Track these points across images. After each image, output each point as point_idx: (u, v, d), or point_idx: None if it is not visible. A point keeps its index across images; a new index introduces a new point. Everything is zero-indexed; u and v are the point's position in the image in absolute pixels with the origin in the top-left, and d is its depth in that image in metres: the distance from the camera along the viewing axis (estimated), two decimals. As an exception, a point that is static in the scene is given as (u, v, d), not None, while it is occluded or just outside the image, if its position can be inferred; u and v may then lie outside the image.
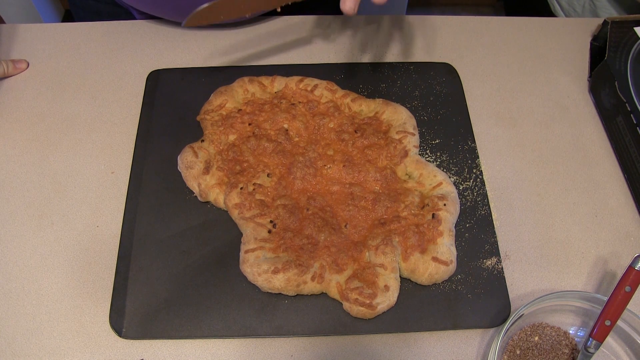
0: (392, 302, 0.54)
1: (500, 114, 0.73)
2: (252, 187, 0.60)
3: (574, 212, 0.65)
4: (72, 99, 0.72)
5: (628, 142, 0.66)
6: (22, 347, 0.55)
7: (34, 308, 0.57)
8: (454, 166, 0.66)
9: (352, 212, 0.59)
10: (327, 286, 0.55)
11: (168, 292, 0.57)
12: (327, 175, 0.62)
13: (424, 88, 0.73)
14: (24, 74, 0.75)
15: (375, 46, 0.79)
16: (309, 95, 0.68)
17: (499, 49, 0.79)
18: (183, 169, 0.63)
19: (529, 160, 0.69)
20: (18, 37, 0.79)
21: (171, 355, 0.55)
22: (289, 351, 0.55)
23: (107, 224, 0.62)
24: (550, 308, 0.56)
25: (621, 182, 0.67)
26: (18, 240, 0.61)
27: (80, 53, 0.77)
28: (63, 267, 0.59)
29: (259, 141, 0.64)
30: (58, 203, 0.64)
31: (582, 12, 0.99)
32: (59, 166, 0.66)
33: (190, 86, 0.72)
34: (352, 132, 0.65)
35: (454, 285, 0.58)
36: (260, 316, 0.56)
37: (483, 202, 0.63)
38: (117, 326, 0.55)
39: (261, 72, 0.72)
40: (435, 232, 0.57)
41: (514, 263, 0.61)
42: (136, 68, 0.75)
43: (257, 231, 0.58)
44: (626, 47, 0.71)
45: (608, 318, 0.51)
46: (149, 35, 0.79)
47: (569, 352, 0.55)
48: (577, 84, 0.76)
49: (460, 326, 0.55)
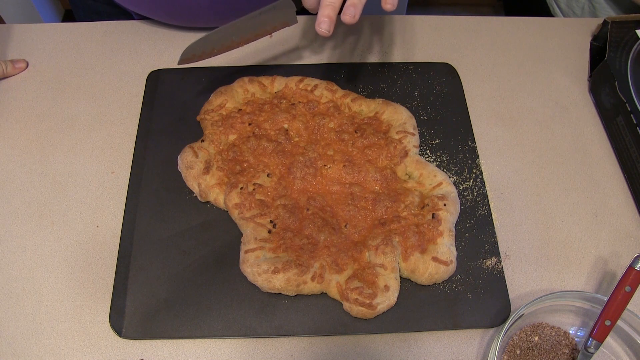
0: (392, 302, 0.54)
1: (500, 114, 0.73)
2: (252, 187, 0.60)
3: (574, 212, 0.65)
4: (72, 99, 0.72)
5: (628, 142, 0.66)
6: (22, 347, 0.55)
7: (34, 308, 0.57)
8: (454, 166, 0.66)
9: (352, 212, 0.59)
10: (327, 286, 0.55)
11: (168, 292, 0.57)
12: (327, 175, 0.62)
13: (424, 88, 0.73)
14: (23, 74, 0.75)
15: (375, 46, 0.79)
16: (309, 95, 0.68)
17: (499, 49, 0.79)
18: (183, 169, 0.63)
19: (529, 160, 0.69)
20: (18, 37, 0.79)
21: (171, 355, 0.55)
22: (289, 351, 0.55)
23: (107, 224, 0.62)
24: (550, 308, 0.56)
25: (621, 182, 0.67)
26: (18, 240, 0.61)
27: (80, 53, 0.77)
28: (63, 267, 0.59)
29: (259, 141, 0.64)
30: (58, 203, 0.64)
31: (581, 14, 0.98)
32: (59, 166, 0.66)
33: (190, 86, 0.72)
34: (352, 132, 0.65)
35: (454, 285, 0.58)
36: (260, 316, 0.56)
37: (483, 202, 0.63)
38: (117, 326, 0.55)
39: (261, 72, 0.72)
40: (435, 232, 0.57)
41: (514, 263, 0.61)
42: (136, 68, 0.75)
43: (257, 231, 0.58)
44: (626, 47, 0.71)
45: (608, 318, 0.51)
46: (149, 35, 0.79)
47: (569, 352, 0.55)
48: (577, 84, 0.76)
49: (460, 326, 0.55)
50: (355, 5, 0.53)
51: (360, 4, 0.53)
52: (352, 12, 0.52)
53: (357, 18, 0.53)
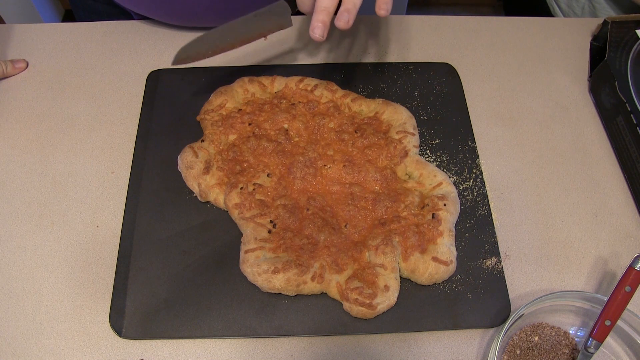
0: (392, 302, 0.54)
1: (500, 114, 0.73)
2: (252, 187, 0.60)
3: (574, 212, 0.65)
4: (72, 99, 0.72)
5: (628, 142, 0.66)
6: (22, 347, 0.55)
7: (34, 308, 0.57)
8: (454, 166, 0.66)
9: (352, 212, 0.59)
10: (327, 286, 0.55)
11: (168, 292, 0.57)
12: (327, 175, 0.62)
13: (424, 88, 0.73)
14: (23, 74, 0.75)
15: (375, 46, 0.79)
16: (309, 95, 0.68)
17: (498, 49, 0.79)
18: (183, 169, 0.63)
19: (529, 160, 0.69)
20: (18, 37, 0.79)
21: (171, 355, 0.55)
22: (289, 351, 0.55)
23: (107, 224, 0.62)
24: (550, 308, 0.56)
25: (621, 182, 0.67)
26: (18, 240, 0.61)
27: (80, 53, 0.77)
28: (63, 267, 0.59)
29: (259, 141, 0.64)
30: (58, 203, 0.64)
31: (582, 14, 0.98)
32: (59, 166, 0.66)
33: (190, 86, 0.72)
34: (352, 132, 0.65)
35: (454, 285, 0.58)
36: (260, 316, 0.56)
37: (483, 202, 0.63)
38: (117, 326, 0.55)
39: (261, 72, 0.72)
40: (435, 232, 0.57)
41: (514, 263, 0.61)
42: (136, 68, 0.75)
43: (257, 231, 0.58)
44: (626, 47, 0.71)
45: (608, 318, 0.51)
46: (149, 35, 0.79)
47: (569, 352, 0.55)
48: (577, 84, 0.76)
49: (460, 326, 0.55)
50: (349, 11, 0.53)
51: (355, 10, 0.53)
52: (346, 17, 0.53)
53: (350, 24, 0.53)
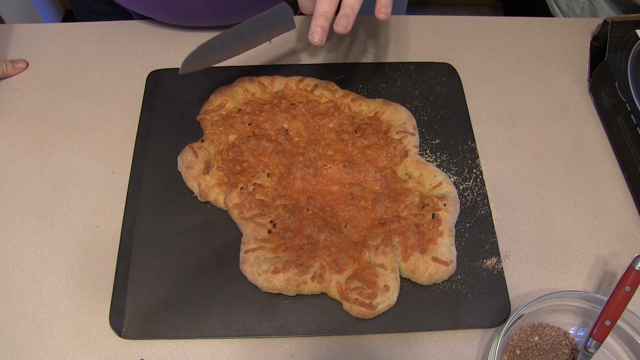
0: (392, 302, 0.54)
1: (500, 114, 0.73)
2: (252, 187, 0.60)
3: (574, 212, 0.65)
4: (72, 99, 0.72)
5: (628, 142, 0.66)
6: (22, 347, 0.54)
7: (34, 308, 0.57)
8: (454, 166, 0.66)
9: (352, 212, 0.59)
10: (327, 286, 0.55)
11: (168, 292, 0.57)
12: (327, 175, 0.62)
13: (424, 88, 0.73)
14: (23, 74, 0.75)
15: (375, 46, 0.79)
16: (309, 95, 0.68)
17: (498, 49, 0.79)
18: (183, 169, 0.63)
19: (529, 160, 0.69)
20: (18, 37, 0.79)
21: (171, 355, 0.55)
22: (289, 351, 0.55)
23: (107, 224, 0.62)
24: (550, 308, 0.56)
25: (621, 182, 0.67)
26: (18, 240, 0.61)
27: (80, 53, 0.77)
28: (63, 267, 0.59)
29: (259, 141, 0.64)
30: (58, 203, 0.64)
31: (581, 14, 0.98)
32: (59, 166, 0.66)
33: (190, 86, 0.72)
34: (352, 132, 0.65)
35: (454, 285, 0.58)
36: (260, 316, 0.56)
37: (483, 202, 0.63)
38: (117, 326, 0.55)
39: (261, 72, 0.72)
40: (435, 232, 0.57)
41: (514, 263, 0.61)
42: (136, 68, 0.75)
43: (257, 231, 0.58)
44: (626, 47, 0.71)
45: (608, 318, 0.51)
46: (149, 35, 0.79)
47: (569, 352, 0.55)
48: (577, 84, 0.76)
49: (460, 326, 0.55)
50: (347, 16, 0.53)
51: (353, 14, 0.53)
52: (345, 22, 0.53)
53: (349, 29, 0.53)
